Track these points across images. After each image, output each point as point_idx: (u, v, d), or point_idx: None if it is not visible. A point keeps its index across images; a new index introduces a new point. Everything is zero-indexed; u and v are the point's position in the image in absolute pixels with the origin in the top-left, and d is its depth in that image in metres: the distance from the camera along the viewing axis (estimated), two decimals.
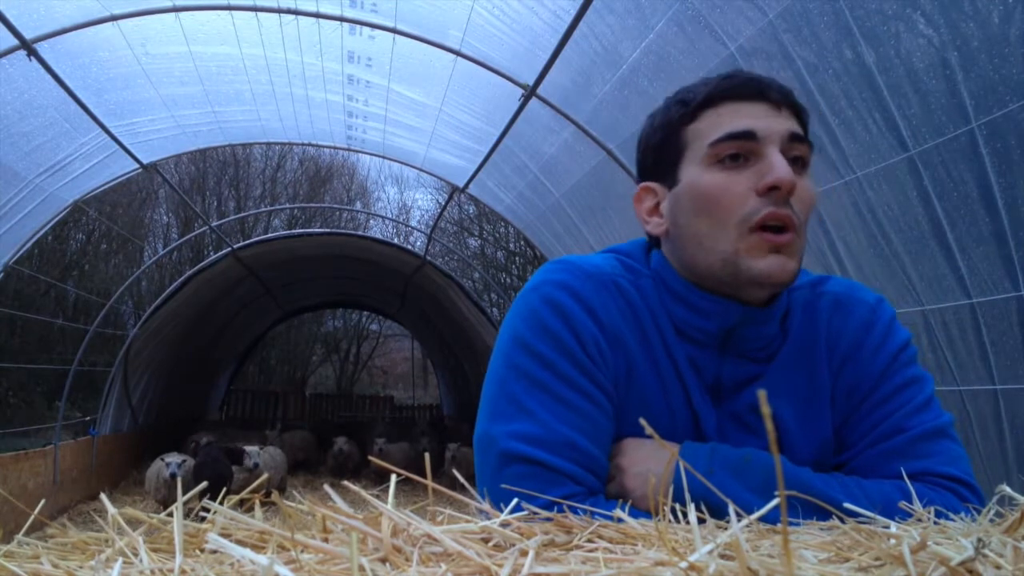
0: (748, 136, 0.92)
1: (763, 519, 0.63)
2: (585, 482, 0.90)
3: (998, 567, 0.50)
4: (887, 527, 0.66)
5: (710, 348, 0.98)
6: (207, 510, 0.64)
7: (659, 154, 1.00)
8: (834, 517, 0.70)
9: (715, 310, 0.96)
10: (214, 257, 10.18)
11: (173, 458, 7.05)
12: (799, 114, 0.96)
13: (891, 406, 0.96)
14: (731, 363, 0.98)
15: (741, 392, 0.99)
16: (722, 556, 0.53)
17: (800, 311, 1.01)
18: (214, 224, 13.30)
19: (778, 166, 0.89)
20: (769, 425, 0.41)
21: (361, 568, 0.48)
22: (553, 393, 0.92)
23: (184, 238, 17.74)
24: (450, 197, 9.48)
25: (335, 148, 7.75)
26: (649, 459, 0.92)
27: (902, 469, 0.89)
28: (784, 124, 0.93)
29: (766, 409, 0.42)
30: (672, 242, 1.00)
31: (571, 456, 0.90)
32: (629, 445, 0.95)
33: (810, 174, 0.97)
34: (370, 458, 0.79)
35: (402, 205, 25.57)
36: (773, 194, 0.90)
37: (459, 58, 4.73)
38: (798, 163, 0.94)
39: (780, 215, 0.90)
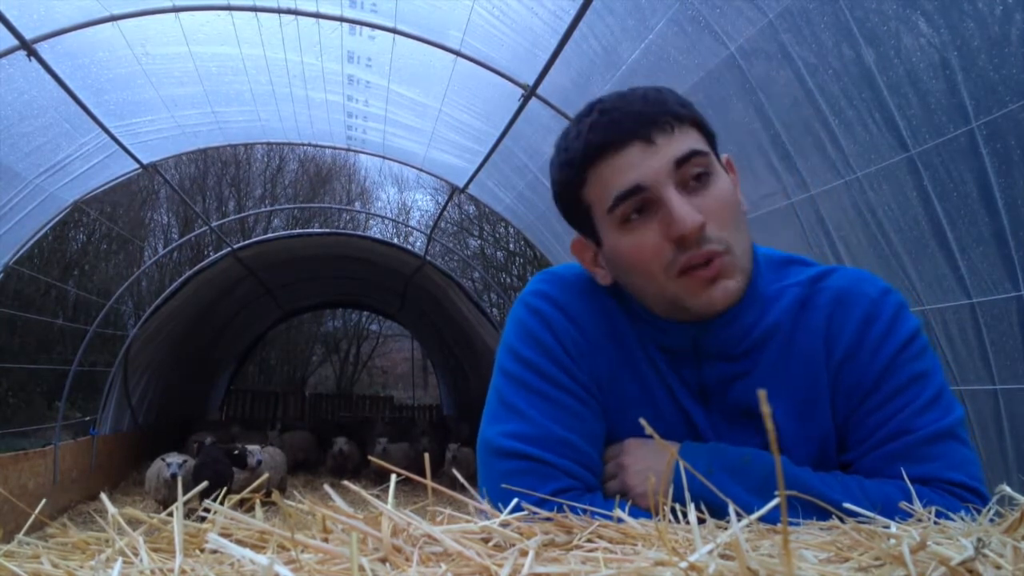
0: (635, 191, 0.89)
1: (763, 519, 0.63)
2: (580, 477, 0.92)
3: (998, 567, 0.50)
4: (887, 527, 0.65)
5: (684, 356, 1.00)
6: (208, 510, 0.64)
7: (573, 216, 1.01)
8: (834, 517, 0.70)
9: (673, 330, 0.98)
10: (214, 257, 10.17)
11: (173, 458, 7.05)
12: (684, 119, 0.91)
13: (895, 405, 0.93)
14: (709, 366, 0.99)
15: (727, 390, 0.99)
16: (722, 556, 0.53)
17: (796, 307, 0.99)
18: (214, 224, 13.30)
19: (677, 215, 0.87)
20: (769, 425, 0.41)
21: (361, 568, 0.48)
22: (542, 394, 0.96)
23: (184, 238, 17.73)
24: (450, 197, 9.47)
25: (335, 148, 7.75)
26: (651, 457, 0.93)
27: (905, 473, 0.88)
28: (664, 157, 0.89)
29: (766, 409, 0.42)
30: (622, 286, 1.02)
31: (564, 452, 0.92)
32: (631, 444, 0.96)
33: (718, 173, 0.93)
34: (370, 458, 0.79)
35: (402, 205, 25.54)
36: (684, 242, 0.88)
37: (459, 58, 4.73)
38: (701, 177, 0.91)
39: (697, 257, 0.88)
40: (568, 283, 1.03)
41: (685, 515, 0.66)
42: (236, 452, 7.54)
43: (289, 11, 4.55)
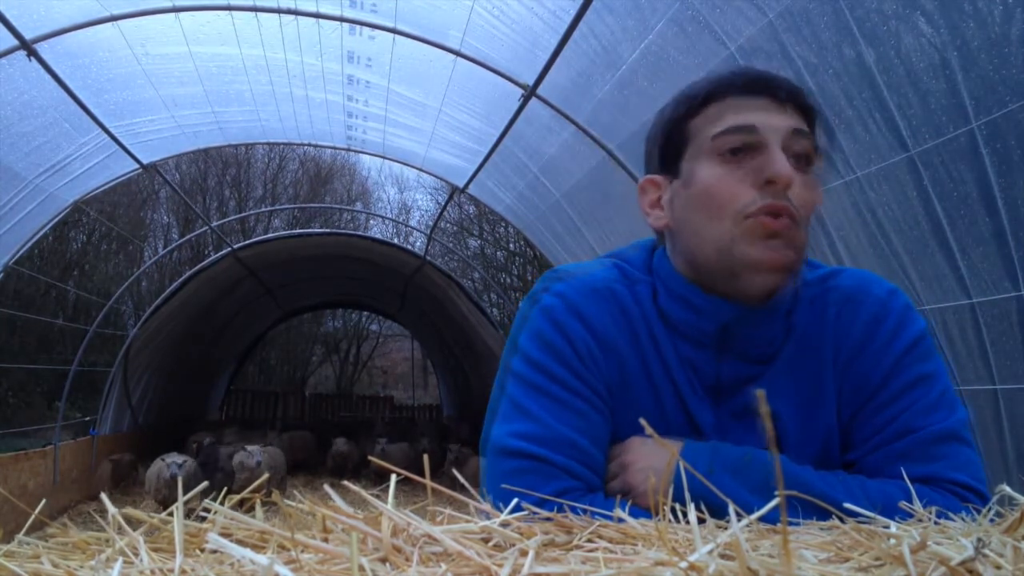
0: (749, 130, 0.92)
1: (763, 519, 0.63)
2: (583, 477, 0.92)
3: (998, 567, 0.50)
4: (887, 527, 0.65)
5: (708, 348, 0.99)
6: (208, 510, 0.64)
7: (664, 147, 1.01)
8: (834, 517, 0.70)
9: (710, 308, 0.96)
10: (214, 257, 10.18)
11: (174, 458, 7.05)
12: (807, 113, 0.95)
13: (900, 405, 0.93)
14: (730, 363, 0.98)
15: (740, 391, 0.98)
16: (722, 556, 0.53)
17: (807, 307, 1.00)
18: (214, 224, 13.30)
19: (776, 160, 0.89)
20: (768, 424, 0.41)
21: (361, 568, 0.48)
22: (550, 395, 0.95)
23: (184, 238, 17.74)
24: (450, 197, 9.48)
25: (335, 148, 7.76)
26: (652, 456, 0.93)
27: (908, 472, 0.87)
28: (787, 120, 0.92)
29: (765, 409, 0.42)
30: (672, 235, 1.01)
31: (569, 452, 0.92)
32: (633, 443, 0.96)
33: (815, 173, 0.96)
34: (370, 458, 0.79)
35: (402, 205, 25.58)
36: (770, 188, 0.89)
37: (459, 58, 4.73)
38: (801, 160, 0.93)
39: (777, 206, 0.89)
40: (580, 281, 1.01)
41: (685, 515, 0.66)
42: (233, 450, 7.56)
43: (289, 11, 4.55)
